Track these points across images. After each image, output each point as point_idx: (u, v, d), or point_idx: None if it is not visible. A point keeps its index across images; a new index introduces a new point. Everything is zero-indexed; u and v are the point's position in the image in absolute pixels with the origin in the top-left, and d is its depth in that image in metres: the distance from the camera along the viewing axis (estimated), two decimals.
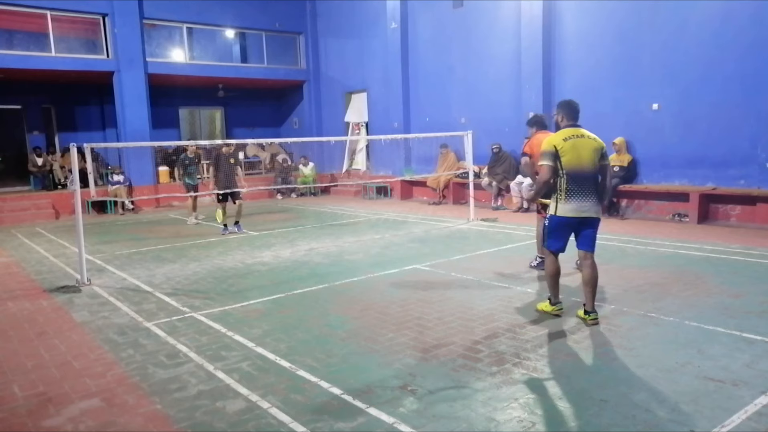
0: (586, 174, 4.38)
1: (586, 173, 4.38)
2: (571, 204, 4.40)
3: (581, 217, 4.41)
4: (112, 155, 16.56)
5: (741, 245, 7.46)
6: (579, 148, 4.37)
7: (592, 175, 4.42)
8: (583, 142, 4.40)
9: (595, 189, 4.44)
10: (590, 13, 11.00)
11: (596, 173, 4.44)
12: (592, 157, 4.40)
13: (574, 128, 4.50)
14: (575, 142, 4.38)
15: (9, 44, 13.77)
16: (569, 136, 4.42)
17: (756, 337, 4.16)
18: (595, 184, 4.43)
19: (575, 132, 4.45)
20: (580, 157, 4.35)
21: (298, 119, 19.16)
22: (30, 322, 5.31)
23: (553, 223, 4.54)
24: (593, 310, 4.55)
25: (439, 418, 3.15)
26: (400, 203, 14.24)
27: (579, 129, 4.50)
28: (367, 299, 5.58)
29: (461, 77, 13.70)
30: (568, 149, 4.35)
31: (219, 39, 17.35)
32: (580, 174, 4.36)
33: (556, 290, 4.77)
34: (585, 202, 4.38)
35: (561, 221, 4.48)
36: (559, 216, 4.46)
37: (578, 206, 4.39)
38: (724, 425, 2.96)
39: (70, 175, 11.83)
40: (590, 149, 4.40)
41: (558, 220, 4.49)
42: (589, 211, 4.40)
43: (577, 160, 4.35)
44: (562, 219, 4.46)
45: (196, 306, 5.58)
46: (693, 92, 9.67)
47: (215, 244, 9.10)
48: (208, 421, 3.23)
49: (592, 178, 4.42)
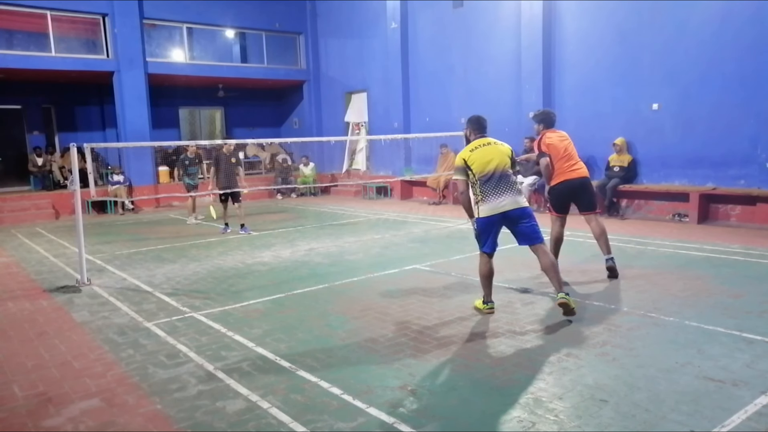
0: (497, 174, 4.70)
1: (497, 174, 4.70)
2: (490, 203, 4.70)
3: (501, 212, 4.68)
4: (112, 155, 16.56)
5: (741, 245, 7.46)
6: (486, 154, 4.72)
7: (505, 174, 4.72)
8: (490, 149, 4.76)
9: (510, 185, 4.72)
10: (590, 13, 11.00)
11: (508, 173, 4.75)
12: (502, 160, 4.74)
13: (482, 138, 4.88)
14: (482, 150, 4.76)
15: (9, 44, 13.76)
16: (476, 146, 4.80)
17: (756, 337, 4.16)
18: (508, 182, 4.72)
19: (482, 142, 4.83)
20: (488, 161, 4.70)
21: (298, 119, 19.16)
22: (30, 322, 5.31)
23: (480, 225, 4.80)
24: (561, 291, 4.66)
25: (439, 418, 3.15)
26: (400, 203, 14.24)
27: (486, 138, 4.87)
28: (367, 299, 5.58)
29: (461, 77, 13.70)
30: (476, 158, 4.72)
31: (219, 39, 17.35)
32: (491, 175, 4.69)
33: (488, 290, 4.99)
34: (501, 198, 4.68)
35: (485, 221, 4.76)
36: (483, 217, 4.76)
37: (496, 204, 4.68)
38: (724, 425, 2.96)
39: (70, 175, 11.83)
40: (499, 153, 4.76)
41: (483, 222, 4.77)
42: (506, 205, 4.66)
43: (486, 164, 4.70)
44: (486, 219, 4.75)
45: (196, 306, 5.58)
46: (693, 92, 9.67)
47: (215, 244, 9.10)
48: (208, 421, 3.24)
49: (505, 177, 4.72)
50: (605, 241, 5.97)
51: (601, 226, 6.01)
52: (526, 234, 4.73)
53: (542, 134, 5.99)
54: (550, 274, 4.73)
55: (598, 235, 5.97)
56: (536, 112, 6.36)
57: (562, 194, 5.90)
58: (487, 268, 4.91)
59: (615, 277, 5.93)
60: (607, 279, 5.94)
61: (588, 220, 6.03)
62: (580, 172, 5.89)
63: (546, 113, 6.20)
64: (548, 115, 6.17)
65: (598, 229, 5.96)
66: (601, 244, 6.01)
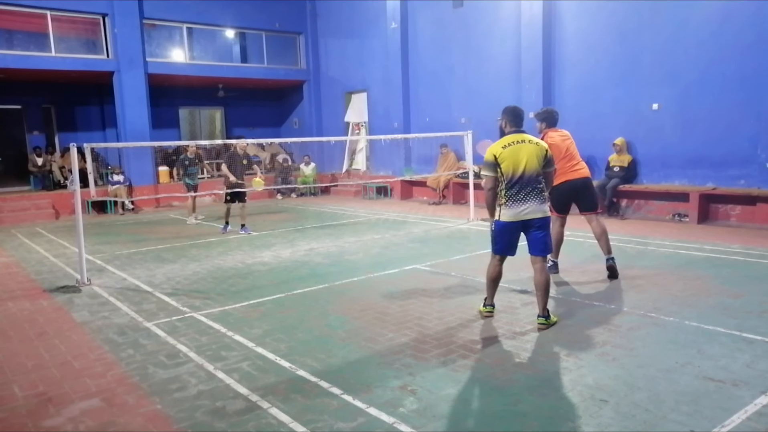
0: (525, 179, 4.43)
1: (525, 178, 4.42)
2: (512, 209, 4.47)
3: (522, 220, 4.47)
4: (112, 155, 16.55)
5: (741, 245, 7.45)
6: (518, 154, 4.43)
7: (532, 178, 4.45)
8: (524, 147, 4.46)
9: (536, 193, 4.47)
10: (590, 13, 11.00)
11: (537, 177, 4.48)
12: (533, 161, 4.44)
13: (517, 134, 4.56)
14: (514, 148, 4.45)
15: (9, 44, 13.76)
16: (509, 143, 4.50)
17: (756, 337, 4.16)
18: (535, 188, 4.47)
19: (517, 138, 4.52)
20: (518, 162, 4.41)
21: (298, 119, 19.16)
22: (30, 322, 5.31)
23: (498, 228, 4.59)
24: (542, 315, 4.54)
25: (439, 418, 3.15)
26: (400, 203, 14.23)
27: (522, 135, 4.56)
28: (367, 299, 5.58)
29: (461, 77, 13.70)
30: (507, 156, 4.43)
31: (219, 39, 17.34)
32: (519, 179, 4.43)
33: (491, 292, 4.87)
34: (524, 206, 4.44)
35: (504, 226, 4.54)
36: (503, 221, 4.53)
37: (519, 210, 4.45)
38: (724, 425, 2.96)
39: (70, 175, 11.83)
40: (531, 154, 4.45)
41: (502, 225, 4.56)
42: (529, 213, 4.45)
43: (515, 165, 4.42)
44: (505, 224, 4.53)
45: (196, 306, 5.58)
46: (693, 92, 9.67)
47: (215, 244, 9.10)
48: (208, 421, 3.24)
49: (532, 182, 4.46)
50: (606, 241, 5.97)
51: (602, 225, 6.00)
52: (536, 244, 4.53)
53: (545, 133, 5.95)
54: (539, 293, 4.55)
55: (599, 235, 5.97)
56: (539, 111, 6.28)
57: (564, 194, 5.88)
58: (495, 270, 4.75)
59: (615, 277, 5.93)
60: (608, 279, 5.94)
61: (589, 220, 6.02)
62: (582, 172, 5.88)
63: (549, 112, 6.09)
64: (551, 113, 6.06)
65: (599, 228, 5.96)
66: (601, 244, 6.01)
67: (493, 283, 4.82)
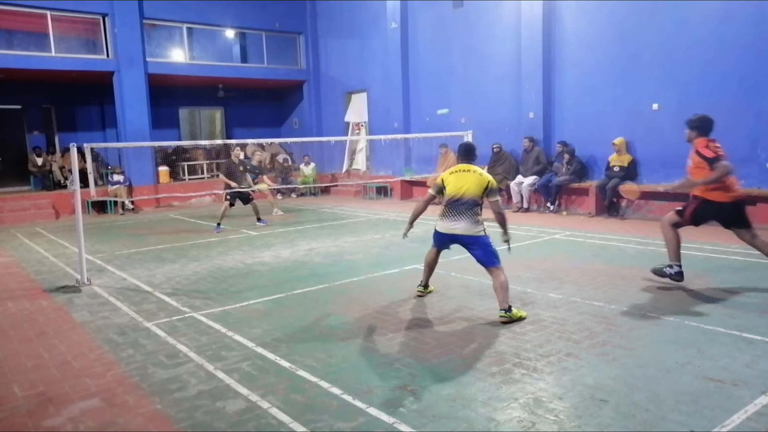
0: (462, 201, 4.98)
1: (462, 201, 4.98)
2: (445, 223, 5.09)
3: (451, 234, 5.05)
4: (112, 155, 16.55)
5: (741, 245, 7.42)
6: (460, 180, 5.04)
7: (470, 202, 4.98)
8: (467, 176, 5.05)
9: (470, 215, 4.97)
10: (590, 13, 11.00)
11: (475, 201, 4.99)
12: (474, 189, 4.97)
13: (464, 164, 5.19)
14: (459, 175, 5.09)
15: (9, 44, 13.75)
16: (456, 170, 5.15)
17: (756, 337, 4.16)
18: (470, 210, 4.98)
19: (463, 168, 5.15)
20: (459, 187, 5.01)
21: (298, 119, 19.16)
22: (30, 322, 5.31)
23: (434, 234, 5.31)
24: (502, 308, 4.74)
25: (439, 418, 3.15)
26: (400, 203, 14.23)
27: (468, 165, 5.16)
28: (367, 299, 5.58)
29: (461, 77, 13.69)
30: (452, 180, 5.09)
31: (219, 39, 17.34)
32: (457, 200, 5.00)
33: (426, 275, 5.58)
34: (455, 223, 5.00)
35: (437, 233, 5.25)
36: (436, 229, 5.24)
37: (449, 225, 5.05)
38: (724, 425, 2.96)
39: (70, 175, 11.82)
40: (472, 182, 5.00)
41: (435, 231, 5.27)
42: (457, 230, 4.99)
43: (457, 189, 5.01)
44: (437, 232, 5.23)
45: (196, 306, 5.58)
46: (693, 92, 9.66)
47: (215, 244, 9.10)
48: (208, 421, 3.23)
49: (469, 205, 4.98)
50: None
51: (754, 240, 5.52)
52: (479, 259, 4.97)
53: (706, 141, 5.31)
54: (496, 294, 4.83)
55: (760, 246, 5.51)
56: (692, 118, 5.51)
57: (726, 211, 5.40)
58: (431, 257, 5.45)
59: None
60: (608, 279, 5.94)
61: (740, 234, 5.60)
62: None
63: (704, 119, 5.36)
64: (706, 122, 5.32)
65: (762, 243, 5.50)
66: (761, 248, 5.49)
67: (428, 267, 5.52)
